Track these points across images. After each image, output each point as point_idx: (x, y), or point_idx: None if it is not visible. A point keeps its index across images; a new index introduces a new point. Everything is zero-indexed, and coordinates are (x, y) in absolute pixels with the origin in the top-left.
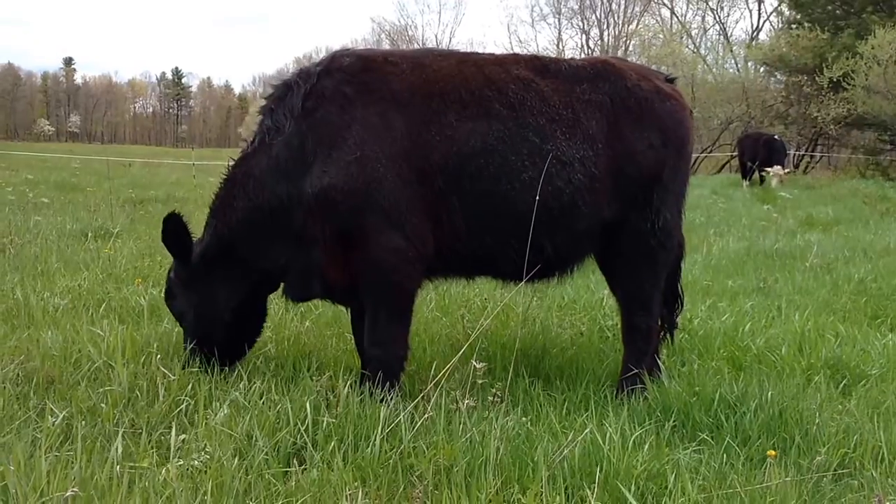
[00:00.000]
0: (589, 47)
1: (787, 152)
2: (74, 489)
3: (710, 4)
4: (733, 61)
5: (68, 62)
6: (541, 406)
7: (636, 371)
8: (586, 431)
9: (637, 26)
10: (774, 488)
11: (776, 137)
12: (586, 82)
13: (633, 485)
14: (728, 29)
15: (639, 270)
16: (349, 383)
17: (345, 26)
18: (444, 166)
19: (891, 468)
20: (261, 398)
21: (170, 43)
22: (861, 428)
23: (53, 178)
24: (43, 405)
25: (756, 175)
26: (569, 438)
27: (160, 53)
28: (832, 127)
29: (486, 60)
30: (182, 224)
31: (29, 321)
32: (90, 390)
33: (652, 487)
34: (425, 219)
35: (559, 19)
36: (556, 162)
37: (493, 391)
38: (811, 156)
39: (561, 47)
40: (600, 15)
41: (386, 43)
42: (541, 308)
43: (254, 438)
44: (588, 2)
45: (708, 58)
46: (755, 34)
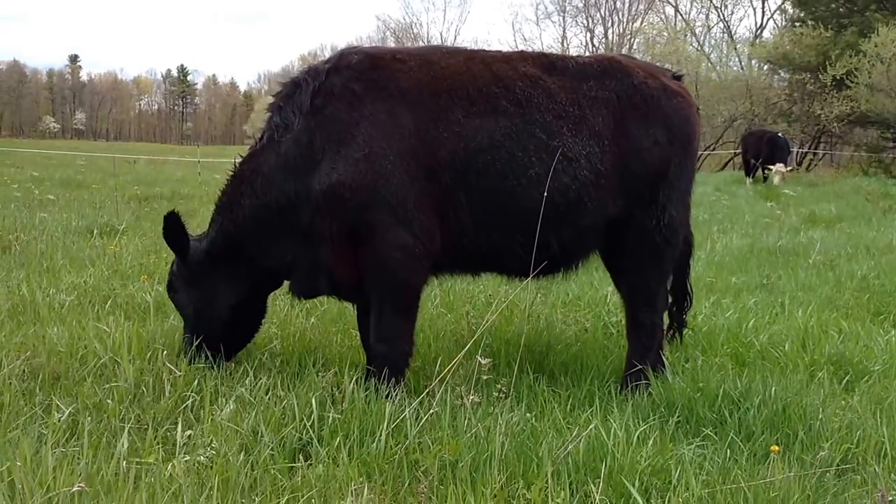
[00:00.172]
0: (593, 45)
1: (791, 150)
2: (81, 484)
3: (714, 2)
4: (737, 59)
5: (74, 59)
6: (545, 402)
7: (640, 367)
8: (591, 427)
9: (641, 24)
10: (778, 483)
11: (779, 135)
12: (593, 79)
13: (638, 480)
14: (732, 27)
15: (644, 267)
16: (354, 379)
17: (350, 24)
18: (452, 163)
19: (893, 463)
20: (266, 394)
21: (175, 40)
22: (864, 423)
23: (59, 176)
24: (49, 401)
25: (759, 172)
26: (573, 434)
27: (166, 51)
28: (835, 124)
29: (494, 58)
30: (179, 222)
31: (35, 317)
32: (96, 386)
33: (656, 483)
34: (432, 215)
35: (564, 17)
36: (563, 158)
37: (499, 387)
38: (814, 153)
39: (565, 45)
40: (605, 13)
41: (391, 41)
42: (545, 304)
43: (259, 434)
44: (593, 0)
45: (712, 56)
46: (759, 32)
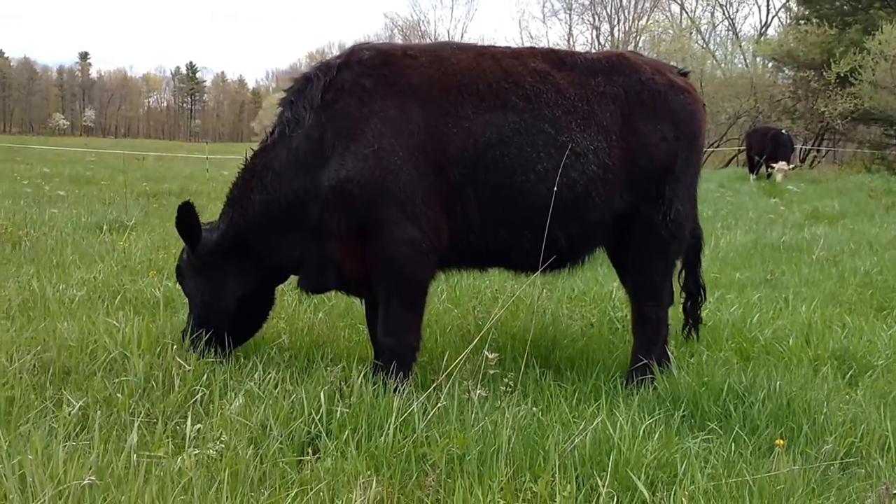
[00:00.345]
0: (599, 43)
1: (794, 147)
2: (91, 478)
3: (720, 0)
4: (742, 57)
5: (84, 57)
6: (551, 396)
7: (646, 361)
8: (597, 421)
9: (647, 22)
10: (783, 477)
11: (783, 132)
12: (601, 75)
13: (644, 473)
14: (737, 24)
15: (650, 261)
16: (363, 374)
17: (358, 22)
18: (460, 158)
19: None
20: (275, 388)
21: (185, 38)
22: (868, 417)
23: (68, 172)
24: (60, 395)
25: (763, 169)
26: (580, 428)
27: (175, 48)
28: (839, 122)
29: (504, 53)
30: (193, 212)
31: (45, 312)
32: (106, 380)
33: (662, 476)
34: (440, 210)
35: (570, 15)
36: (571, 153)
37: (506, 381)
38: (817, 150)
39: (571, 43)
40: (611, 10)
41: (398, 38)
42: (550, 300)
43: (268, 428)
44: None
45: (717, 53)
46: (764, 30)
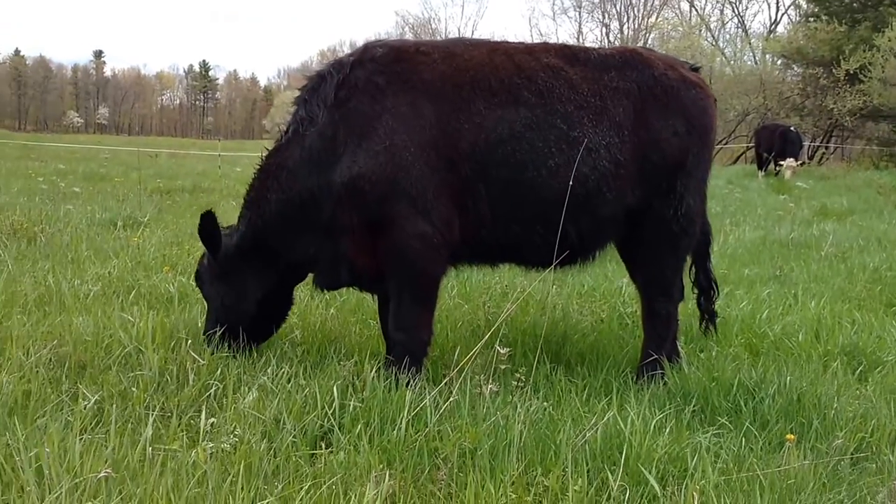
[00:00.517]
0: (609, 40)
1: (803, 144)
2: (107, 470)
3: None
4: (751, 54)
5: (98, 55)
6: (562, 391)
7: (656, 357)
8: (608, 416)
9: (657, 19)
10: (793, 471)
11: (792, 129)
12: (614, 70)
13: (654, 468)
14: (746, 22)
15: (661, 256)
16: (375, 368)
17: (369, 20)
18: (472, 153)
19: None
20: (288, 382)
21: (198, 36)
22: (878, 413)
23: (82, 169)
24: (75, 389)
25: (771, 166)
26: (591, 423)
27: (188, 46)
28: (848, 118)
29: (517, 49)
30: (215, 221)
31: (61, 307)
32: (121, 375)
33: (673, 470)
34: (451, 206)
35: (580, 12)
36: (583, 148)
37: (517, 376)
38: (826, 147)
39: (581, 40)
40: (620, 8)
41: (409, 36)
42: (560, 296)
43: (282, 422)
44: None
45: (726, 50)
46: (773, 27)
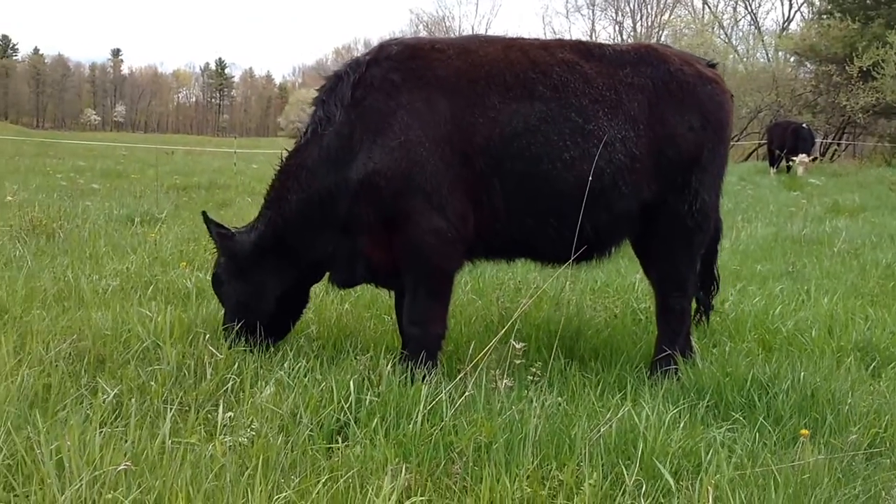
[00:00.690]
0: (622, 38)
1: (815, 141)
2: (127, 463)
3: None
4: (764, 51)
5: (116, 53)
6: (576, 386)
7: (670, 352)
8: (623, 410)
9: (669, 16)
10: (807, 466)
11: (804, 126)
12: (630, 65)
13: (669, 462)
14: (759, 19)
15: (675, 252)
16: (391, 363)
17: (384, 18)
18: (487, 148)
19: None
20: (305, 377)
21: (214, 34)
22: (892, 408)
23: (100, 166)
24: (94, 383)
25: (783, 163)
26: (605, 417)
27: (205, 44)
28: (860, 115)
29: (532, 45)
30: (210, 219)
31: (80, 302)
32: (139, 369)
33: (687, 465)
34: (466, 200)
35: (593, 10)
36: (598, 142)
37: (533, 371)
38: (838, 144)
39: (594, 38)
40: (634, 6)
41: (423, 34)
42: (574, 292)
43: (298, 416)
44: None
45: (739, 48)
46: (786, 24)
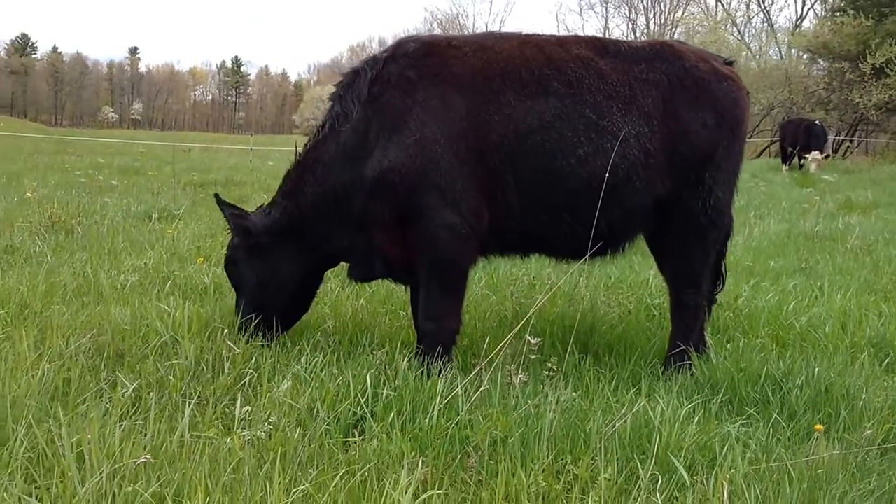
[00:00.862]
0: (635, 35)
1: (828, 137)
2: (146, 456)
3: None
4: (777, 48)
5: (133, 51)
6: (591, 381)
7: (684, 347)
8: (637, 405)
9: (683, 14)
10: (822, 461)
11: (816, 123)
12: (645, 62)
13: (683, 457)
14: (772, 17)
15: (689, 248)
16: (407, 357)
17: (398, 16)
18: (501, 144)
19: None
20: (322, 371)
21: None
22: None
23: (117, 163)
24: (114, 377)
25: (796, 160)
26: (620, 412)
27: (221, 42)
28: (873, 112)
29: (548, 41)
30: (224, 200)
31: (99, 297)
32: (158, 363)
33: (701, 460)
34: (480, 196)
35: (606, 8)
36: (612, 137)
37: (549, 366)
38: (850, 141)
39: (607, 35)
40: (647, 3)
41: (438, 32)
42: (587, 287)
43: (315, 410)
44: None
45: (752, 45)
46: (799, 22)
